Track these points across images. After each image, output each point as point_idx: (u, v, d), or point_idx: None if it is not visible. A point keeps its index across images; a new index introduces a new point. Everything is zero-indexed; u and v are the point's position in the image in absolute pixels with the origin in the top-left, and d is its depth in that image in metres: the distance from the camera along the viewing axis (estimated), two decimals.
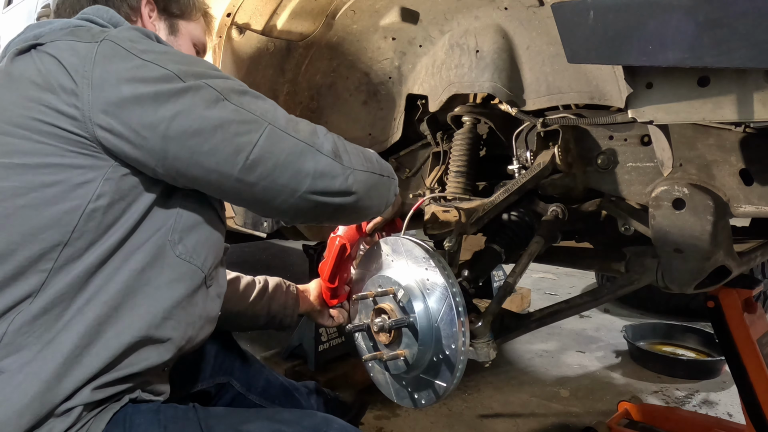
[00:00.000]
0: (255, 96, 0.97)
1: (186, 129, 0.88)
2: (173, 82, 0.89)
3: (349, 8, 1.55)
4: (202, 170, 0.91)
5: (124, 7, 1.15)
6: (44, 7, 2.73)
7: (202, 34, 1.29)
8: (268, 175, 0.92)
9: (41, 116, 0.88)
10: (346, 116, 1.76)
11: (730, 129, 1.13)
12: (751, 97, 0.84)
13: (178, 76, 0.89)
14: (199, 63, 0.97)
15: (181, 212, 0.98)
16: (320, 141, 0.97)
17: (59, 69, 0.89)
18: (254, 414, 1.03)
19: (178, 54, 0.96)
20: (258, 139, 0.91)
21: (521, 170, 1.42)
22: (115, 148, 0.90)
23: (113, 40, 0.91)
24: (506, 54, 1.37)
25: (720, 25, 0.75)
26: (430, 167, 1.68)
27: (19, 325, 0.87)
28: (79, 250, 0.90)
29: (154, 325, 0.94)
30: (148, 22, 1.17)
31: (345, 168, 0.98)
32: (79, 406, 0.88)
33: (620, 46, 0.84)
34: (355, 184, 0.99)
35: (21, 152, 0.89)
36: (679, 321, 3.22)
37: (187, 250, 0.98)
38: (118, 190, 0.91)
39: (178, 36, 1.22)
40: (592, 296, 1.37)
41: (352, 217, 1.11)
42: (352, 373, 2.41)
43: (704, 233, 1.10)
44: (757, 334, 1.59)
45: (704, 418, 2.12)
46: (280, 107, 0.99)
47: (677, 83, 0.89)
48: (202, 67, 0.95)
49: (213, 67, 0.99)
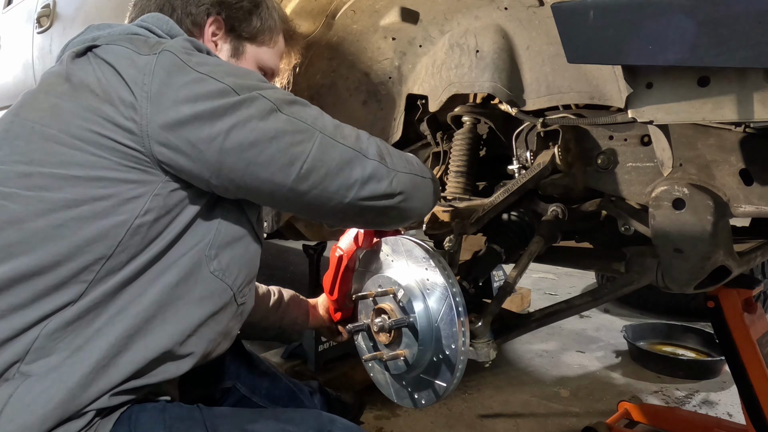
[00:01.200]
0: (303, 104, 0.98)
1: (242, 141, 0.89)
2: (229, 96, 0.90)
3: (349, 8, 1.55)
4: (257, 180, 0.92)
5: (187, 23, 1.13)
6: (44, 7, 2.73)
7: (274, 59, 1.26)
8: (320, 183, 0.93)
9: (99, 128, 0.88)
10: (346, 116, 1.76)
11: (730, 129, 1.13)
12: (751, 97, 0.84)
13: (233, 90, 0.90)
14: (250, 75, 0.97)
15: (220, 228, 0.98)
16: (365, 145, 0.99)
17: (118, 80, 0.89)
18: (259, 414, 1.03)
19: (231, 66, 0.97)
20: (311, 149, 0.92)
21: (521, 170, 1.42)
22: (170, 162, 0.90)
23: (171, 50, 0.91)
24: (506, 54, 1.37)
25: (720, 25, 0.75)
26: (430, 167, 1.68)
27: (52, 331, 0.86)
28: (120, 263, 0.90)
29: (179, 342, 0.94)
30: (209, 40, 1.15)
31: (390, 170, 1.00)
32: (93, 410, 0.88)
33: (620, 46, 0.84)
34: (400, 185, 1.01)
35: (76, 164, 0.88)
36: (679, 321, 3.22)
37: (221, 266, 0.98)
38: (165, 206, 0.92)
39: (241, 59, 1.19)
40: (592, 296, 1.37)
41: (398, 219, 1.11)
42: (352, 373, 2.41)
43: (704, 233, 1.10)
44: (757, 334, 1.59)
45: (704, 418, 2.12)
46: (325, 112, 1.00)
47: (677, 83, 0.89)
48: (254, 79, 0.96)
49: (262, 78, 0.99)
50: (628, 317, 3.60)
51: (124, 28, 1.00)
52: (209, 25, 1.14)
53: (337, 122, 1.00)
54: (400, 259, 1.20)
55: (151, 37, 0.99)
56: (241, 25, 1.17)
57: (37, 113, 0.93)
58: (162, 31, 1.02)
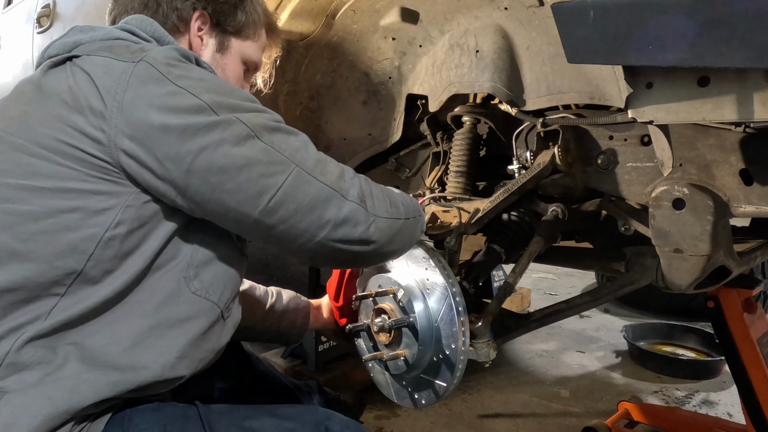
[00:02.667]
0: (287, 132, 0.93)
1: (210, 165, 0.86)
2: (204, 114, 0.86)
3: (349, 8, 1.55)
4: (222, 207, 0.89)
5: (173, 18, 1.10)
6: (44, 7, 2.73)
7: (257, 52, 1.23)
8: (288, 218, 0.89)
9: (66, 138, 0.86)
10: (346, 116, 1.76)
11: (730, 129, 1.13)
12: (751, 97, 0.84)
13: (210, 108, 0.86)
14: (233, 93, 0.92)
15: (197, 247, 0.95)
16: (347, 185, 0.94)
17: (91, 88, 0.86)
18: (256, 410, 1.02)
19: (215, 81, 0.93)
20: (283, 182, 0.88)
21: (521, 170, 1.42)
22: (137, 176, 0.87)
23: (150, 61, 0.87)
24: (506, 54, 1.37)
25: (720, 25, 0.75)
26: (430, 167, 1.68)
27: (23, 344, 0.84)
28: (94, 278, 0.87)
29: (169, 366, 0.92)
30: (195, 35, 1.13)
31: (368, 215, 0.94)
32: (81, 416, 0.86)
33: (620, 46, 0.84)
34: (376, 233, 0.95)
35: (43, 174, 0.86)
36: (679, 321, 3.22)
37: (203, 285, 0.95)
38: (138, 218, 0.89)
39: (226, 54, 1.17)
40: (592, 296, 1.37)
41: (373, 262, 1.09)
42: (352, 373, 2.41)
43: (704, 233, 1.10)
44: (757, 334, 1.59)
45: (704, 418, 2.12)
46: (311, 144, 0.95)
47: (677, 83, 0.89)
48: (237, 98, 0.91)
49: (249, 98, 0.94)
50: (628, 317, 3.60)
51: (107, 32, 0.97)
52: (195, 19, 1.12)
53: (322, 156, 0.95)
54: (400, 259, 1.20)
55: (133, 43, 0.96)
56: (227, 19, 1.15)
57: (5, 122, 0.91)
58: (146, 34, 1.00)
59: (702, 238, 1.11)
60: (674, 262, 1.17)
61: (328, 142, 1.81)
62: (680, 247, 1.13)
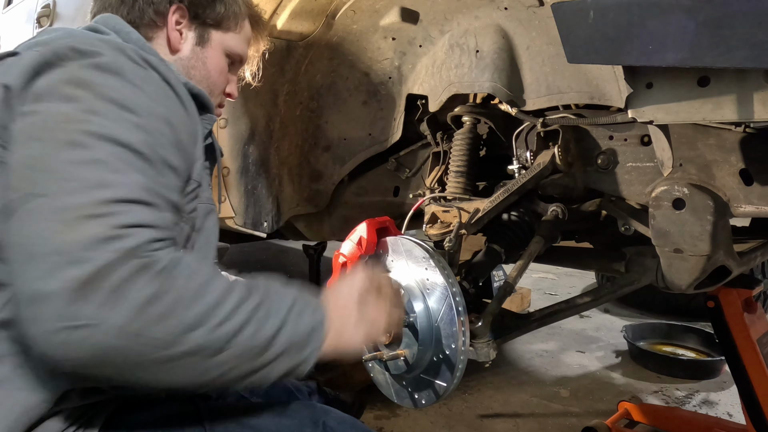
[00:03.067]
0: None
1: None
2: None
3: (349, 8, 1.55)
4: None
5: (149, 12, 1.08)
6: (44, 7, 2.73)
7: (241, 45, 1.20)
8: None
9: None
10: (346, 116, 1.76)
11: (730, 129, 1.13)
12: (751, 97, 0.84)
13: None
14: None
15: None
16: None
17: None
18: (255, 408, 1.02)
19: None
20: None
21: (521, 170, 1.42)
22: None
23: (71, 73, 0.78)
24: (506, 54, 1.37)
25: (720, 25, 0.75)
26: (430, 167, 1.68)
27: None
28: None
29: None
30: (173, 29, 1.11)
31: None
32: (68, 410, 0.82)
33: (620, 46, 0.84)
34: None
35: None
36: (679, 321, 3.22)
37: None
38: None
39: (206, 47, 1.14)
40: (592, 296, 1.37)
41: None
42: (351, 373, 2.41)
43: (704, 233, 1.10)
44: (757, 334, 1.59)
45: (704, 418, 2.12)
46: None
47: (677, 83, 0.89)
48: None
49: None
50: (628, 317, 3.60)
51: (67, 32, 0.92)
52: (172, 13, 1.10)
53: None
54: (400, 259, 1.20)
55: (84, 48, 0.83)
56: (205, 11, 1.13)
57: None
58: (107, 27, 0.97)
59: (702, 238, 1.11)
60: (674, 262, 1.17)
61: (328, 142, 1.81)
62: (680, 247, 1.13)
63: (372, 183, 1.86)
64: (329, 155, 1.82)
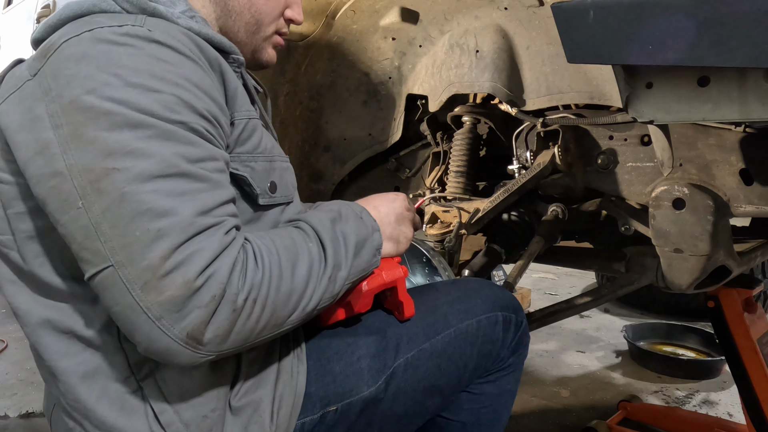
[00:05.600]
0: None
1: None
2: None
3: (349, 8, 1.55)
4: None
5: None
6: (44, 7, 2.73)
7: None
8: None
9: None
10: (346, 116, 1.76)
11: (730, 129, 1.13)
12: (751, 97, 0.84)
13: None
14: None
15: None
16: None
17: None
18: None
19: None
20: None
21: (521, 170, 1.42)
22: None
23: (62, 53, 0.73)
24: (506, 54, 1.37)
25: (720, 25, 0.75)
26: (430, 167, 1.68)
27: None
28: None
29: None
30: None
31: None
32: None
33: (620, 46, 0.84)
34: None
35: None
36: (679, 321, 3.22)
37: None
38: None
39: None
40: (592, 296, 1.37)
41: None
42: None
43: (704, 233, 1.10)
44: (757, 334, 1.59)
45: (704, 418, 2.12)
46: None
47: (677, 83, 0.89)
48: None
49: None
50: (628, 317, 3.60)
51: (76, 5, 0.81)
52: None
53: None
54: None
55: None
56: None
57: None
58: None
59: (702, 238, 1.11)
60: (674, 262, 1.17)
61: (328, 142, 1.81)
62: (680, 247, 1.13)
63: (372, 183, 1.86)
64: (329, 155, 1.82)
